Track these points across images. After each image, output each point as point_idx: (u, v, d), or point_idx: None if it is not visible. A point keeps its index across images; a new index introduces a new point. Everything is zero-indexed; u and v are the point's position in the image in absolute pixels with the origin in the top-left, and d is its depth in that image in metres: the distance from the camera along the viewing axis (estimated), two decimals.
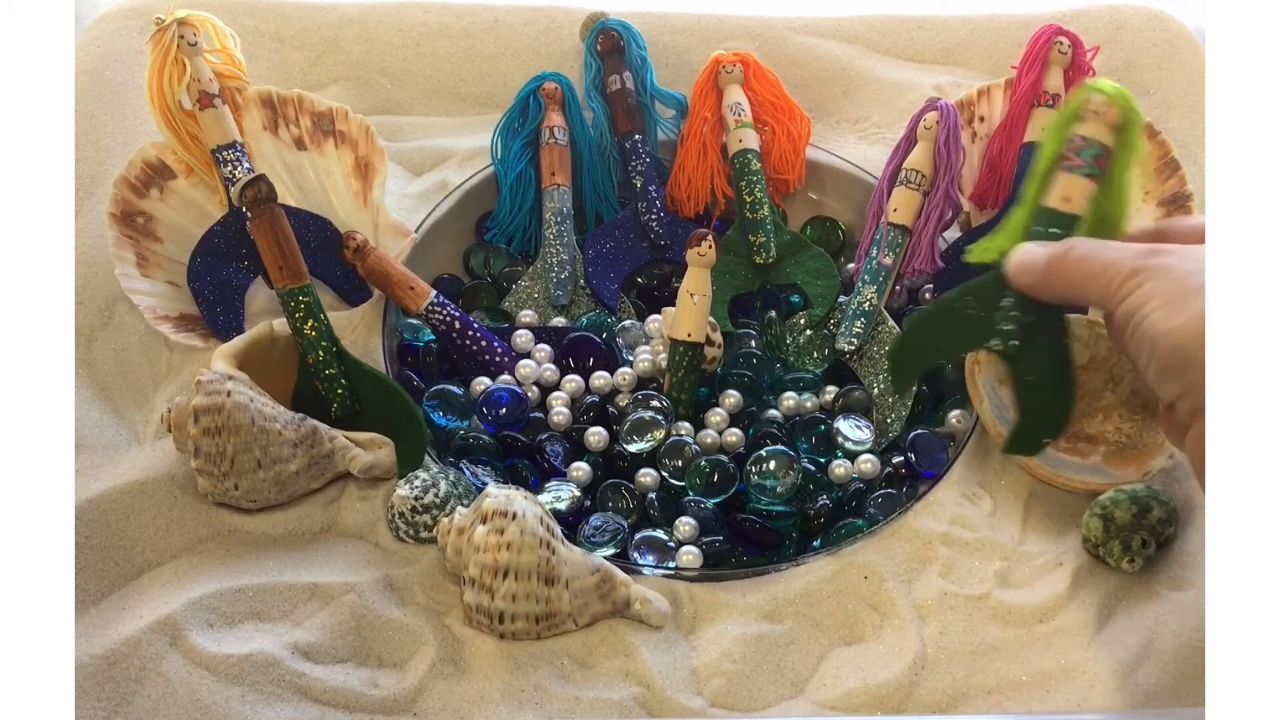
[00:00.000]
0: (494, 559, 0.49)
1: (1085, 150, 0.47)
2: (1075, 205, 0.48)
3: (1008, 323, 0.49)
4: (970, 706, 0.49)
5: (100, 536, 0.53)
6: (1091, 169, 0.47)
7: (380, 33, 0.77)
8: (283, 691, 0.48)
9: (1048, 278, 0.47)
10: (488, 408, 0.60)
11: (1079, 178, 0.48)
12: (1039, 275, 0.48)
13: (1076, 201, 0.48)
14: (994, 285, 0.50)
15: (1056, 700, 0.49)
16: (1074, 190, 0.48)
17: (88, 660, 0.48)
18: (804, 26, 0.79)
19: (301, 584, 0.52)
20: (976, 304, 0.50)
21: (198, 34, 0.62)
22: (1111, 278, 0.44)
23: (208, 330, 0.62)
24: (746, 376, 0.62)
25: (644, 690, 0.49)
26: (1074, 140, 0.48)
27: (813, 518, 0.57)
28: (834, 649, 0.52)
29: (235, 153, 0.63)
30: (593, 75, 0.72)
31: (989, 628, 0.52)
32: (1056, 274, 0.47)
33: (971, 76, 0.77)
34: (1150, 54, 0.77)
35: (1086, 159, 0.47)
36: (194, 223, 0.64)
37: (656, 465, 0.58)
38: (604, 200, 0.71)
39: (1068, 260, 0.46)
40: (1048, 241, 0.48)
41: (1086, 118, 0.47)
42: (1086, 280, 0.46)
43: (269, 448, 0.53)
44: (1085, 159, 0.47)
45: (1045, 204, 0.48)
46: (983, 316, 0.50)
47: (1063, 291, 0.47)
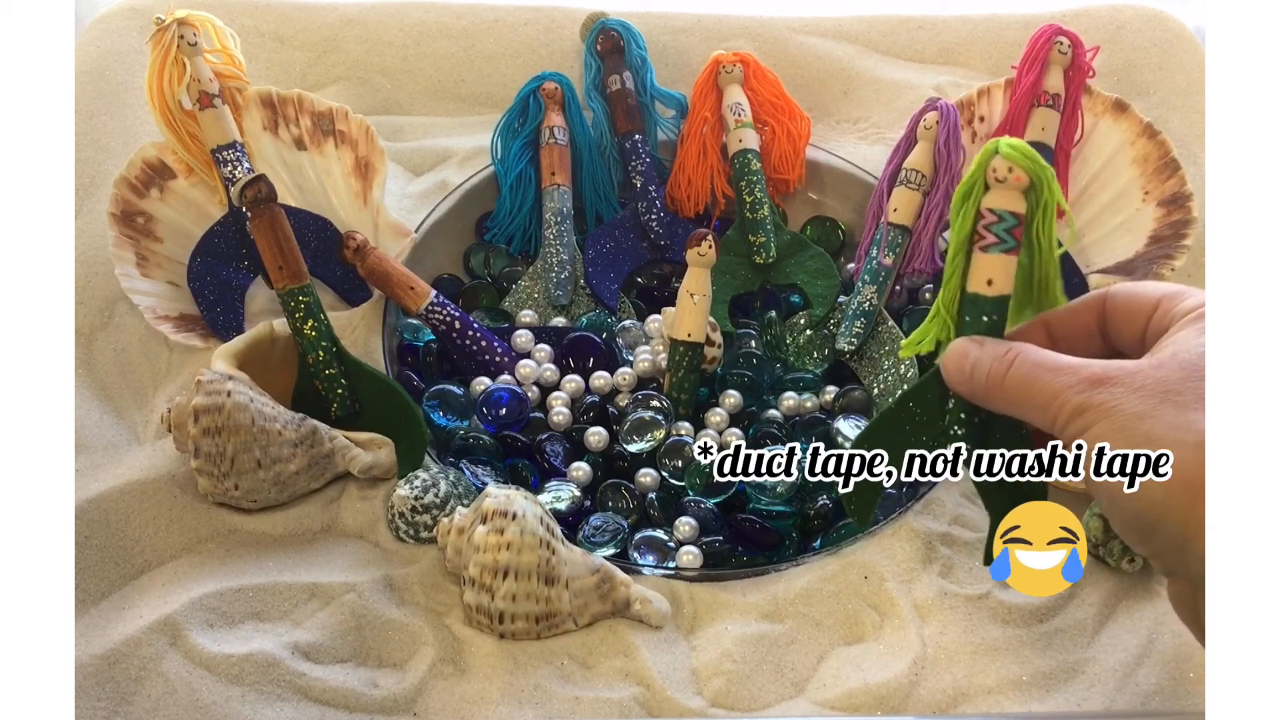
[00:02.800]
0: (494, 559, 0.49)
1: (997, 226, 0.43)
2: (1000, 285, 0.43)
3: (958, 426, 0.45)
4: (970, 706, 0.49)
5: (100, 536, 0.53)
6: (1008, 243, 0.43)
7: (380, 33, 0.77)
8: (283, 691, 0.48)
9: (989, 394, 0.43)
10: (488, 408, 0.60)
11: (996, 255, 0.43)
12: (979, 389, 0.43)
13: (999, 281, 0.43)
14: (935, 387, 0.46)
15: (1056, 700, 0.49)
16: (994, 270, 0.43)
17: (88, 660, 0.48)
18: (804, 26, 0.79)
19: (301, 584, 0.52)
20: (921, 411, 0.46)
21: (198, 34, 0.62)
22: (1056, 412, 0.40)
23: (208, 330, 0.62)
24: (746, 376, 0.62)
25: (644, 690, 0.49)
26: (984, 216, 0.43)
27: (813, 518, 0.58)
28: (834, 649, 0.52)
29: (235, 153, 0.63)
30: (593, 75, 0.72)
31: (989, 628, 0.52)
32: (997, 394, 0.42)
33: (971, 76, 0.77)
34: (1150, 54, 0.77)
35: (1000, 233, 0.43)
36: (194, 223, 0.64)
37: (656, 465, 0.58)
38: (604, 200, 0.71)
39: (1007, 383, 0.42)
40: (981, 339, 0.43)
41: (992, 187, 0.43)
42: (1029, 407, 0.41)
43: (269, 448, 0.53)
44: (998, 234, 0.43)
45: (970, 290, 0.44)
46: (931, 423, 0.46)
47: (1006, 409, 0.43)
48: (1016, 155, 0.42)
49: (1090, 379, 0.39)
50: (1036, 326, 0.45)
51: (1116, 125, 0.67)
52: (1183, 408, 0.37)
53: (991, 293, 0.43)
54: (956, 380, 0.44)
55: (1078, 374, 0.39)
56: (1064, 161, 0.67)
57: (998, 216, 0.42)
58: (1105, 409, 0.38)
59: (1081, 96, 0.67)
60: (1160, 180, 0.65)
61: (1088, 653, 0.51)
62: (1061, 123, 0.66)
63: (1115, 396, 0.38)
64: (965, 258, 0.44)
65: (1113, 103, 0.67)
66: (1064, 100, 0.66)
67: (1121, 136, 0.67)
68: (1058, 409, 0.39)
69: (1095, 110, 0.68)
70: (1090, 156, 0.68)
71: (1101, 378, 0.39)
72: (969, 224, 0.43)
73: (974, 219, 0.43)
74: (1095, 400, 0.38)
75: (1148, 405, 0.37)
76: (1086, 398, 0.39)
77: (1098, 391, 0.38)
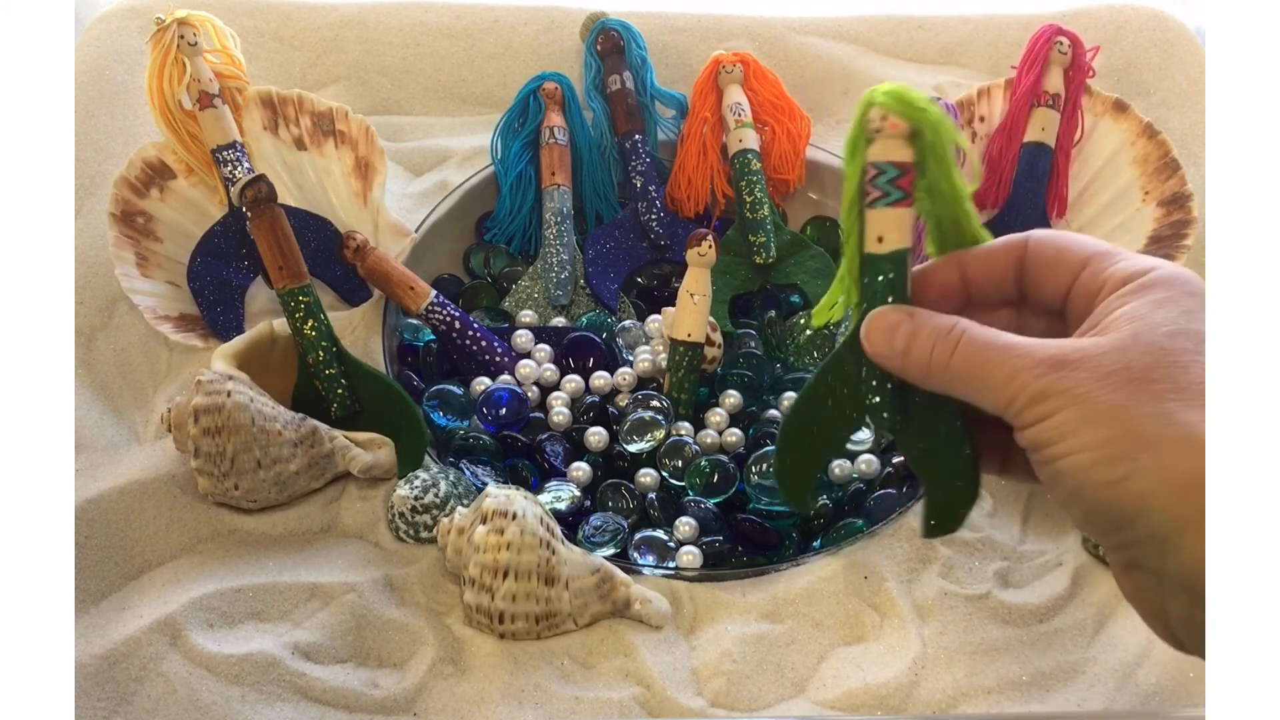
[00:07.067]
0: (494, 559, 0.49)
1: (880, 179, 0.40)
2: (893, 240, 0.40)
3: (874, 394, 0.41)
4: (970, 706, 0.49)
5: (100, 536, 0.53)
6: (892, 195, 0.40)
7: (380, 33, 0.77)
8: (283, 691, 0.48)
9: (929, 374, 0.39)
10: (488, 408, 0.60)
11: (883, 209, 0.40)
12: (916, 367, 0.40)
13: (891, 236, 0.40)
14: (850, 356, 0.42)
15: (1056, 700, 0.49)
16: (885, 226, 0.40)
17: (88, 660, 0.48)
18: (804, 26, 0.79)
19: (301, 584, 0.52)
20: (840, 383, 0.42)
21: (198, 34, 0.62)
22: (1012, 396, 0.37)
23: (208, 330, 0.62)
24: (746, 376, 0.62)
25: (644, 690, 0.49)
26: (866, 170, 0.40)
27: (813, 518, 0.57)
28: (834, 649, 0.52)
29: (235, 153, 0.63)
30: (593, 75, 0.72)
31: (989, 628, 0.52)
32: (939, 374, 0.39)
33: (971, 76, 0.77)
34: (1150, 54, 0.77)
35: (884, 186, 0.40)
36: (194, 223, 0.64)
37: (656, 465, 0.58)
38: (604, 200, 0.71)
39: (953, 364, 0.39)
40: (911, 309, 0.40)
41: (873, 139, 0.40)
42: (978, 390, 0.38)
43: (269, 448, 0.53)
44: (882, 186, 0.40)
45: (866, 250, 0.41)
46: (852, 395, 0.42)
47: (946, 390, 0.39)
48: (891, 102, 0.39)
49: (1049, 361, 0.36)
50: (950, 263, 0.42)
51: (1116, 125, 0.67)
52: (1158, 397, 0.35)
53: (884, 249, 0.40)
54: (884, 354, 0.40)
55: (1034, 356, 0.37)
56: (1064, 161, 0.67)
57: (879, 169, 0.40)
58: (1071, 395, 0.36)
59: (1081, 96, 0.67)
60: (1160, 180, 0.65)
61: (1088, 653, 0.51)
62: (1061, 123, 0.66)
63: (1081, 382, 0.36)
64: (859, 216, 0.41)
65: (1113, 103, 0.67)
66: (1064, 100, 0.66)
67: (1121, 136, 0.67)
68: (1014, 393, 0.37)
69: (1095, 110, 0.68)
70: (1090, 156, 0.68)
71: (1061, 360, 0.36)
72: (855, 181, 0.41)
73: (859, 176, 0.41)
74: (1059, 386, 0.36)
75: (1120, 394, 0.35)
76: (1048, 383, 0.36)
77: (1060, 376, 0.36)
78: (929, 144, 0.40)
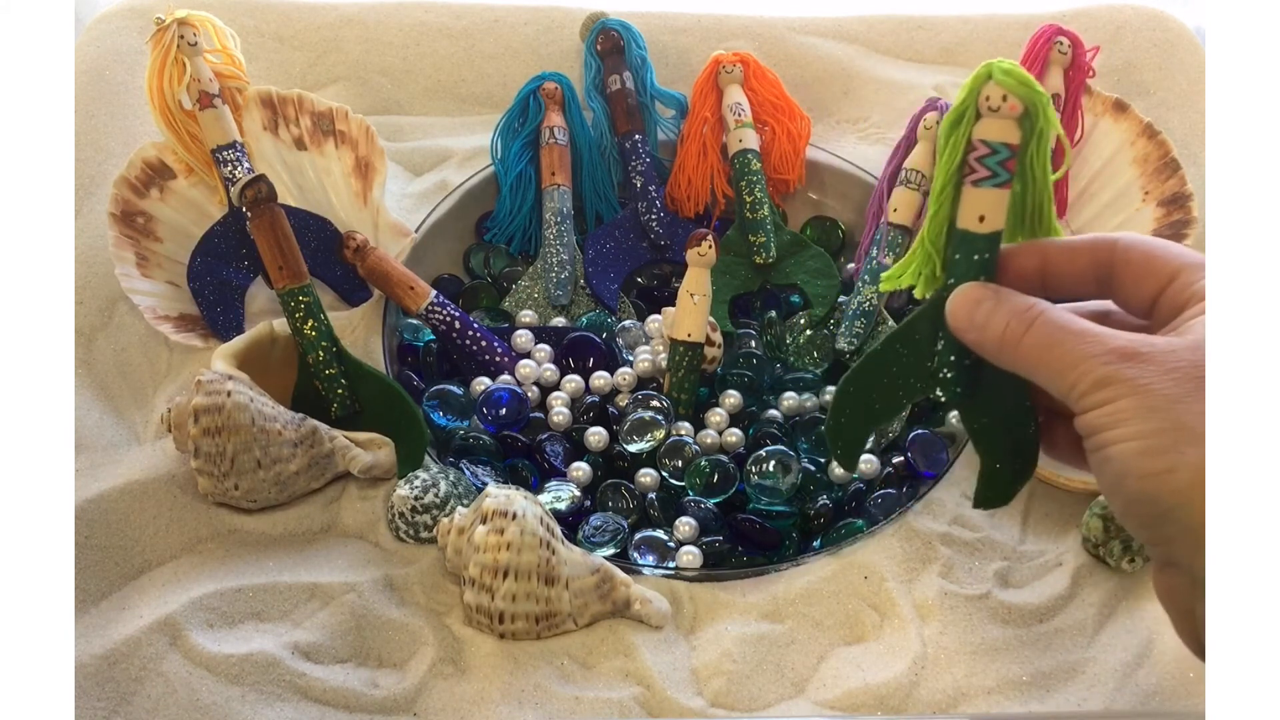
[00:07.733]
0: (494, 559, 0.49)
1: (990, 158, 0.40)
2: (992, 221, 0.41)
3: (947, 369, 0.43)
4: (970, 706, 0.49)
5: (100, 536, 0.53)
6: (1000, 176, 0.40)
7: (380, 33, 0.77)
8: (283, 691, 0.48)
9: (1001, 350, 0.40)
10: (488, 408, 0.60)
11: (989, 189, 0.40)
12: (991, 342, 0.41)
13: (992, 217, 0.41)
14: (925, 327, 0.43)
15: (1056, 700, 0.49)
16: (987, 205, 0.40)
17: (88, 660, 0.48)
18: (804, 26, 0.79)
19: (301, 584, 0.52)
20: (909, 352, 0.43)
21: (198, 34, 0.62)
22: (1076, 380, 0.38)
23: (208, 330, 0.62)
24: (746, 376, 0.62)
25: (644, 690, 0.49)
26: (975, 148, 0.40)
27: (813, 518, 0.57)
28: (834, 649, 0.52)
29: (235, 153, 0.63)
30: (593, 75, 0.72)
31: (989, 628, 0.52)
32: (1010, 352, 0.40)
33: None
34: (1150, 54, 0.77)
35: (993, 166, 0.40)
36: (194, 223, 0.64)
37: (656, 465, 0.58)
38: (604, 200, 0.71)
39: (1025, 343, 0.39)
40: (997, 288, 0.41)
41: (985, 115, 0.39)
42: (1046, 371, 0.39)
43: (269, 448, 0.53)
44: (991, 166, 0.40)
45: (960, 226, 0.41)
46: (918, 364, 0.43)
47: (1017, 369, 0.40)
48: (1011, 82, 0.39)
49: (1119, 351, 0.37)
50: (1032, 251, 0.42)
51: (1116, 125, 0.67)
52: None
53: (984, 229, 0.41)
54: (964, 327, 0.41)
55: (1105, 344, 0.38)
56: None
57: (991, 149, 0.40)
58: (1134, 385, 0.36)
59: (1081, 96, 0.67)
60: (1160, 180, 0.65)
61: (1088, 653, 0.51)
62: (1061, 123, 0.66)
63: (1146, 374, 0.36)
64: (955, 190, 0.41)
65: (1113, 103, 0.67)
66: (1064, 100, 0.66)
67: (1121, 136, 0.67)
68: (1078, 377, 0.38)
69: (1095, 110, 0.68)
70: (1090, 156, 0.68)
71: (1131, 352, 0.37)
72: (958, 155, 0.41)
73: (964, 150, 0.40)
74: (1124, 374, 0.37)
75: (1182, 389, 0.36)
76: (1114, 370, 0.37)
77: (1127, 366, 0.37)
78: (1039, 129, 0.40)
